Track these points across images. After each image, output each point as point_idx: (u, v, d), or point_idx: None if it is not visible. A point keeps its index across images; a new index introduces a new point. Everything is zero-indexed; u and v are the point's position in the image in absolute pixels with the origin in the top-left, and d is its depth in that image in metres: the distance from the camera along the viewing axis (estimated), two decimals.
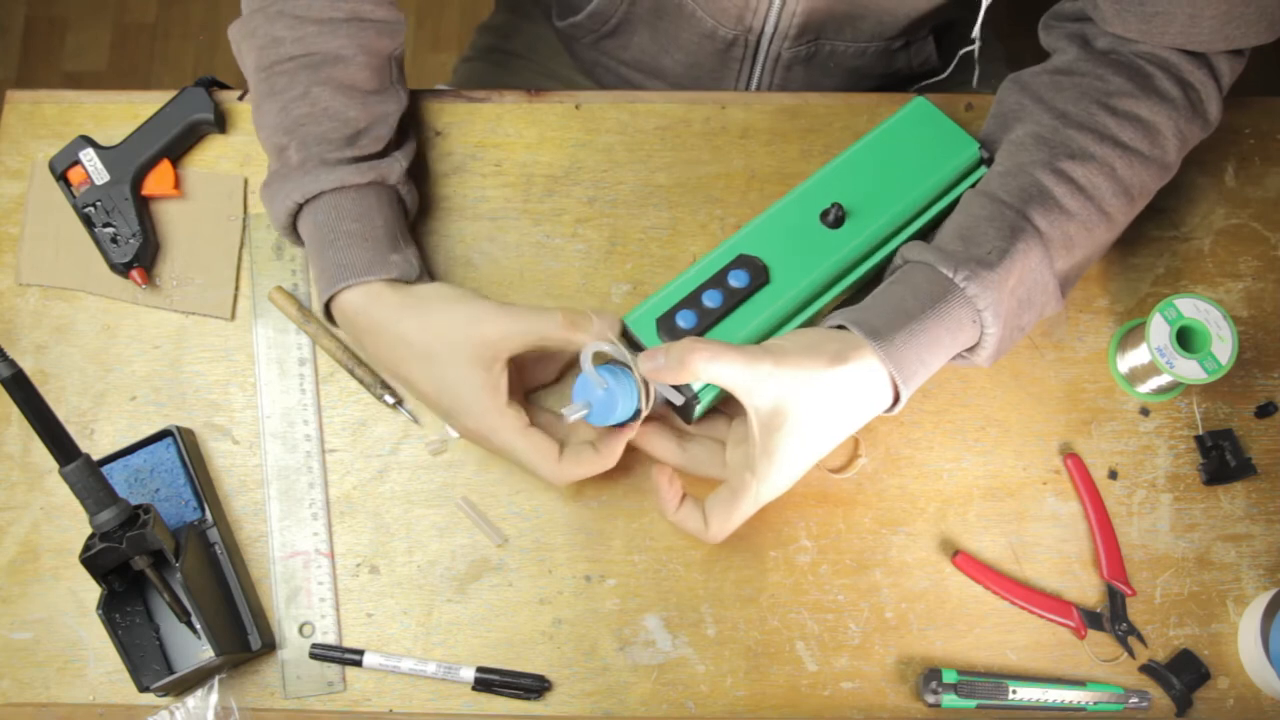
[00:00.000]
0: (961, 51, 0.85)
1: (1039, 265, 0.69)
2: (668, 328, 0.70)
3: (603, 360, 0.70)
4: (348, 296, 0.72)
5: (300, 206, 0.73)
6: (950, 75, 0.92)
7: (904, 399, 0.68)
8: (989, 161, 0.77)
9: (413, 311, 0.70)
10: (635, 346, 0.71)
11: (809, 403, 0.65)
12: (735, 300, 0.71)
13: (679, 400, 0.70)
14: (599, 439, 0.71)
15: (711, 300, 0.71)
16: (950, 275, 0.68)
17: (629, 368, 0.69)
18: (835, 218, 0.73)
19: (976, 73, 0.89)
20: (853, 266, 0.75)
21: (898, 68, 0.95)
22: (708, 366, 0.65)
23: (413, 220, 0.80)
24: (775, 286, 0.72)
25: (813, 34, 0.88)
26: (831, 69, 0.92)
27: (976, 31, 0.81)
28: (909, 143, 0.77)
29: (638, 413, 0.69)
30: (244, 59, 0.77)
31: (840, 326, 0.68)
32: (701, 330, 0.71)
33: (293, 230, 0.75)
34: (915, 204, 0.76)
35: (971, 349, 0.70)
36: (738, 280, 0.72)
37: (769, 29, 0.87)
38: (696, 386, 0.70)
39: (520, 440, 0.69)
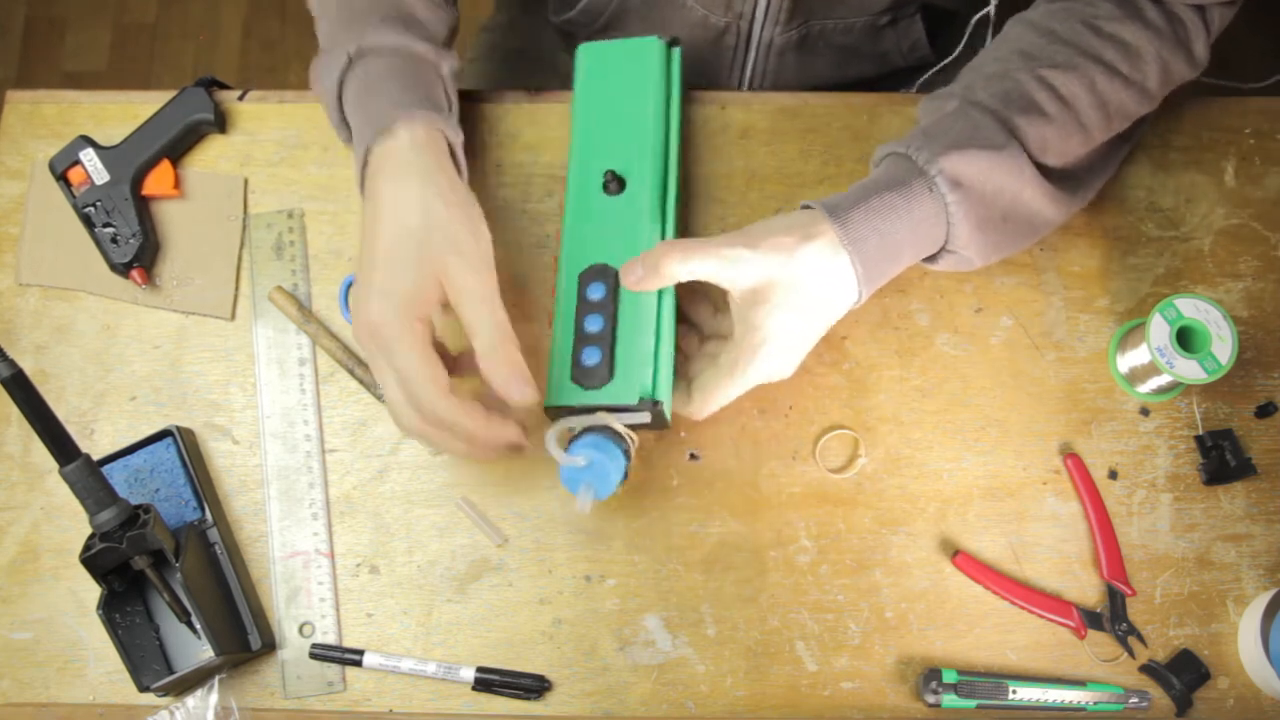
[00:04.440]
0: (975, 17, 0.85)
1: (1014, 157, 0.70)
2: (582, 375, 0.70)
3: (568, 438, 0.70)
4: (394, 139, 0.69)
5: (350, 65, 0.72)
6: (951, 69, 0.92)
7: (859, 266, 0.68)
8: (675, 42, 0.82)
9: (451, 192, 0.68)
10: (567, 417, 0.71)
11: (787, 279, 0.67)
12: (612, 308, 0.71)
13: (648, 419, 0.70)
14: (492, 405, 0.67)
15: (595, 324, 0.71)
16: (904, 151, 0.70)
17: (597, 428, 0.69)
18: (615, 181, 0.75)
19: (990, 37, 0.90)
20: (664, 197, 0.77)
21: (886, 48, 0.95)
22: (683, 266, 0.66)
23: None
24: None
25: (803, 15, 0.88)
26: (821, 49, 0.93)
27: (992, 6, 0.81)
28: (610, 77, 0.79)
29: (628, 463, 0.70)
30: None
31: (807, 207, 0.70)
32: (611, 349, 0.70)
33: (340, 107, 0.74)
34: (657, 119, 0.78)
35: (949, 238, 0.71)
36: (598, 292, 0.72)
37: (759, 14, 0.87)
38: (660, 395, 0.70)
39: (418, 352, 0.64)
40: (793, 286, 0.67)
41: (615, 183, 0.75)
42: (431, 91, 0.74)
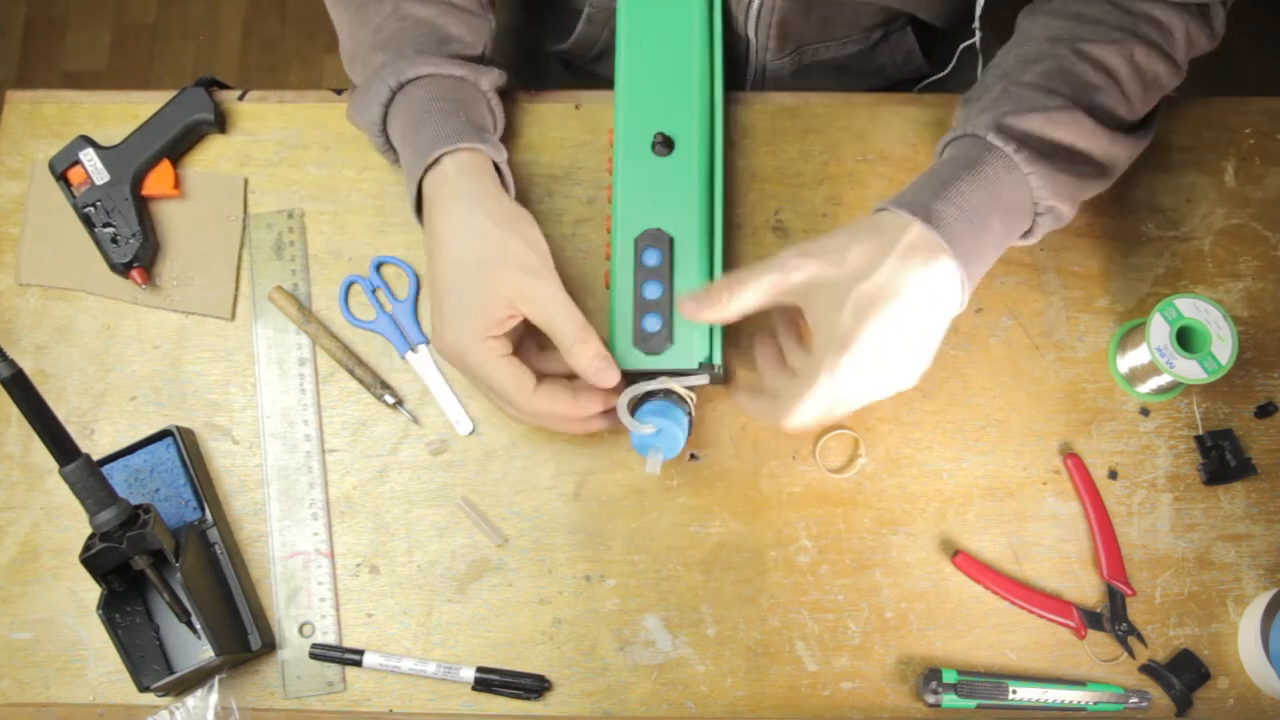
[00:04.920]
0: (963, 45, 0.85)
1: (1069, 111, 0.69)
2: (643, 341, 0.72)
3: (636, 404, 0.72)
4: (440, 170, 0.72)
5: (393, 97, 0.74)
6: (951, 75, 0.92)
7: (944, 242, 0.64)
8: None
9: (499, 210, 0.71)
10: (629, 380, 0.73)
11: (852, 275, 0.64)
12: (669, 274, 0.73)
13: (708, 381, 0.73)
14: (578, 385, 0.71)
15: (653, 290, 0.73)
16: (965, 131, 0.69)
17: (659, 392, 0.72)
18: (665, 143, 0.75)
19: (980, 63, 0.89)
20: (711, 155, 0.78)
21: (881, 63, 0.95)
22: (739, 298, 0.67)
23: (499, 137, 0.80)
24: (681, 237, 0.74)
25: (794, 43, 0.88)
26: (817, 72, 0.93)
27: (977, 22, 0.81)
28: (652, 28, 0.79)
29: (691, 422, 0.73)
30: (338, 13, 0.79)
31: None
32: (670, 315, 0.73)
33: (384, 135, 0.76)
34: (701, 70, 0.78)
35: (1036, 201, 0.69)
36: (654, 258, 0.74)
37: (752, 45, 0.87)
38: (717, 358, 0.73)
39: (499, 365, 0.69)
40: (857, 284, 0.63)
41: (665, 144, 0.75)
42: (473, 112, 0.75)
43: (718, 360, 0.73)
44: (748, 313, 0.68)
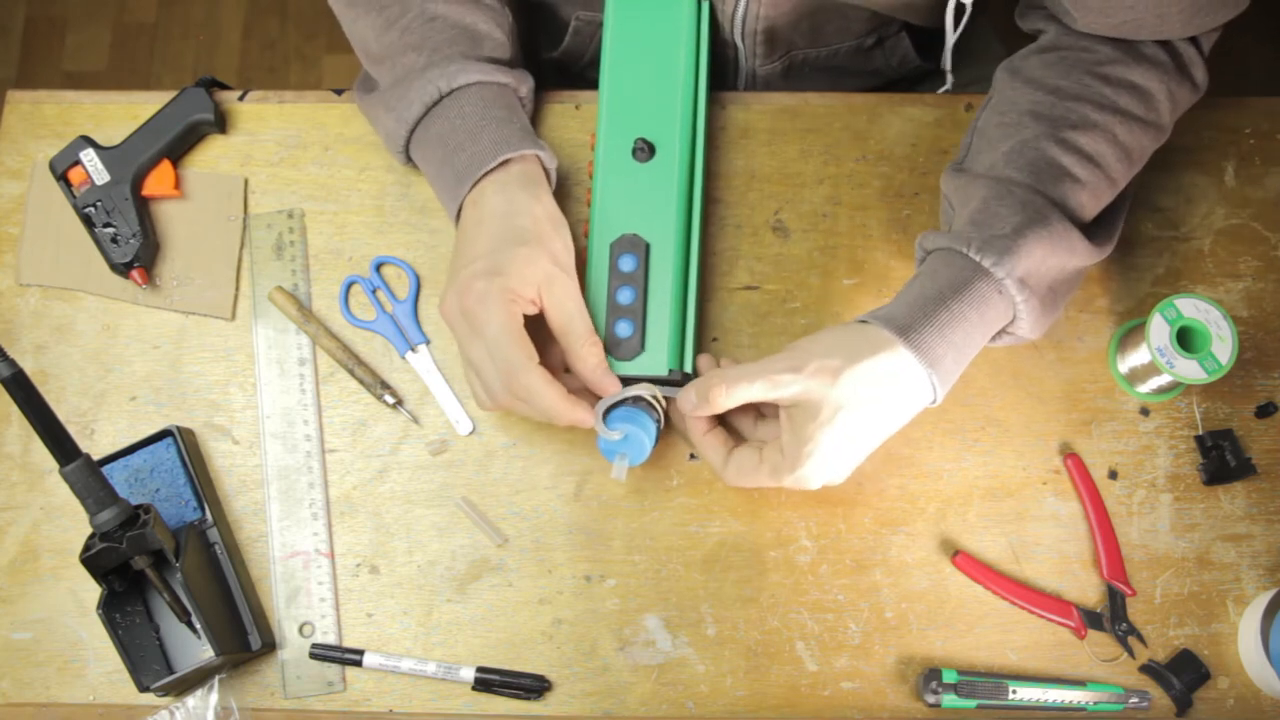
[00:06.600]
0: (954, 35, 0.84)
1: (1063, 233, 0.69)
2: (615, 346, 0.73)
3: (604, 410, 0.72)
4: (506, 171, 0.73)
5: (440, 99, 0.75)
6: (951, 70, 0.92)
7: (939, 384, 0.68)
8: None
9: (554, 211, 0.74)
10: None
11: (835, 400, 0.67)
12: (643, 281, 0.74)
13: (678, 390, 0.73)
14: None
15: (626, 296, 0.74)
16: (965, 251, 0.68)
17: (629, 398, 0.72)
18: (645, 149, 0.76)
19: (963, 30, 0.89)
20: (692, 162, 0.78)
21: (876, 65, 0.95)
22: (730, 397, 0.68)
23: None
24: (658, 243, 0.74)
25: (782, 49, 0.88)
26: (809, 74, 0.93)
27: (952, 22, 0.80)
28: (640, 32, 0.79)
29: (659, 430, 0.73)
30: (357, 17, 0.79)
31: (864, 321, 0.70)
32: (643, 322, 0.73)
33: (407, 142, 0.77)
34: (685, 78, 0.78)
35: (1011, 324, 0.71)
36: (629, 264, 0.74)
37: (741, 48, 0.87)
38: (687, 366, 0.74)
39: (518, 330, 0.69)
40: (842, 404, 0.67)
41: (645, 150, 0.75)
42: (522, 119, 0.77)
43: (688, 368, 0.74)
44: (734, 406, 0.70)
